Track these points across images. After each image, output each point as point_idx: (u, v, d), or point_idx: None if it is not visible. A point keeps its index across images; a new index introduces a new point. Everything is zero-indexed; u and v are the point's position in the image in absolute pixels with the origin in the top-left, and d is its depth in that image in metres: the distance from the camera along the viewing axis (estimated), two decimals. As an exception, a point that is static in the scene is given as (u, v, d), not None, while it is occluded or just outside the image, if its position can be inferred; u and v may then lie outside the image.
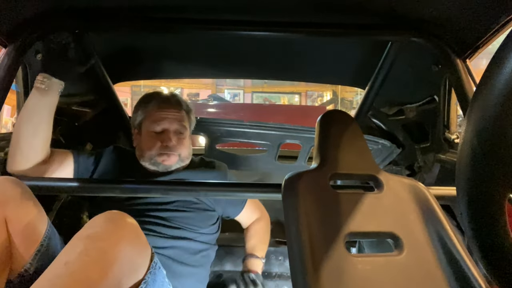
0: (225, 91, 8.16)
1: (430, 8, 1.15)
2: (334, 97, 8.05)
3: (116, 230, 0.77)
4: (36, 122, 1.08)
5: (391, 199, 0.78)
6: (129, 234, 0.79)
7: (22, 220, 0.85)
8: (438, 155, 1.42)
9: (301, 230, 0.68)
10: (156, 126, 1.27)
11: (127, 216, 0.82)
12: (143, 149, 1.28)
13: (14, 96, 1.40)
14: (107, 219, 0.80)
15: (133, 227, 0.81)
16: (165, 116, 1.28)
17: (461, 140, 0.41)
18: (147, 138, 1.27)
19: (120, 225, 0.79)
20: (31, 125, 1.07)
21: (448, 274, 0.69)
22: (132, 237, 0.79)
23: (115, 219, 0.80)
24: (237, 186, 1.13)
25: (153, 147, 1.25)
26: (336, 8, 1.21)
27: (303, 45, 1.55)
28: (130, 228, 0.80)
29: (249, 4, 1.20)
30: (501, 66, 0.35)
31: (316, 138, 0.89)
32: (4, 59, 1.16)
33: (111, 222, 0.79)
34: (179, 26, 1.26)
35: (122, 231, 0.78)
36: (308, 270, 0.63)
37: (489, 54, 0.44)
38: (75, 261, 0.71)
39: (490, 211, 0.39)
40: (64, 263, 0.71)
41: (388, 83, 1.59)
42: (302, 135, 1.67)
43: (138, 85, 7.60)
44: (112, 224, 0.78)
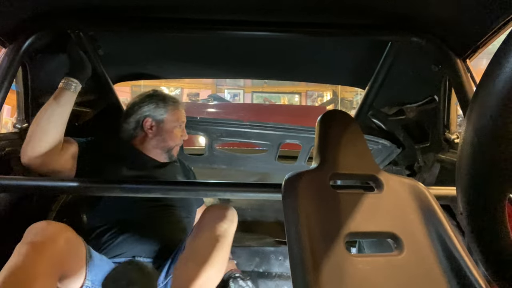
0: (225, 91, 8.16)
1: (430, 8, 1.15)
2: (334, 97, 8.04)
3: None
4: (61, 116, 1.21)
5: (391, 199, 0.78)
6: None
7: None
8: (438, 155, 1.42)
9: (301, 230, 0.68)
10: (179, 124, 1.53)
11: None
12: (166, 139, 1.49)
13: (14, 96, 1.40)
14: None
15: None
16: (183, 116, 1.56)
17: (461, 140, 0.41)
18: (172, 131, 1.50)
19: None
20: (57, 118, 1.20)
21: (448, 274, 0.69)
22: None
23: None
24: (237, 186, 1.13)
25: (176, 140, 1.51)
26: (336, 8, 1.21)
27: (303, 45, 1.55)
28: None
29: (249, 4, 1.20)
30: (501, 66, 0.35)
31: (316, 138, 0.89)
32: (4, 59, 1.16)
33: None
34: (179, 26, 1.26)
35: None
36: (308, 270, 0.63)
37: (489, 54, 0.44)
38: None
39: (490, 211, 0.39)
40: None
41: (388, 83, 1.59)
42: (302, 135, 1.67)
43: (138, 85, 7.59)
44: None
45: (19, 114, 1.39)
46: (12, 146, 1.27)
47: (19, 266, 0.90)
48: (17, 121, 1.38)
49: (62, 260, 0.97)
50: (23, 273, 0.89)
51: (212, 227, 1.16)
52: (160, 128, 1.50)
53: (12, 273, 0.89)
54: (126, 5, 1.21)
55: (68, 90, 1.22)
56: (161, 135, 1.49)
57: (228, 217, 1.19)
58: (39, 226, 0.99)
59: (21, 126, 1.36)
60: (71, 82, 1.23)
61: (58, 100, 1.20)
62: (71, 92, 1.23)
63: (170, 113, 1.51)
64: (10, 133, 1.34)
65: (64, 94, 1.21)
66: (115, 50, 1.61)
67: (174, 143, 1.51)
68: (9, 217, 1.26)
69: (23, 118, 1.38)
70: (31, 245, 0.94)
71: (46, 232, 0.97)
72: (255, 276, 1.83)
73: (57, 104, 1.20)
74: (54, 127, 1.19)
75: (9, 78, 1.15)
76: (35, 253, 0.93)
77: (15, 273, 0.89)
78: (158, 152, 1.50)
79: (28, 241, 0.96)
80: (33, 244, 0.94)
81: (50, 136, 1.18)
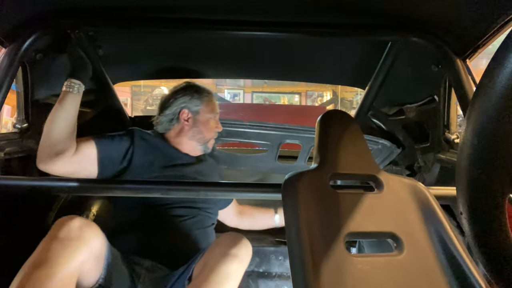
0: (225, 91, 8.15)
1: (430, 8, 1.15)
2: (334, 97, 8.04)
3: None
4: (67, 119, 1.22)
5: (391, 199, 0.78)
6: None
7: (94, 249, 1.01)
8: (438, 155, 1.42)
9: (301, 230, 0.67)
10: (214, 115, 1.54)
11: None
12: (202, 131, 1.50)
13: (14, 96, 1.40)
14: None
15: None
16: (217, 107, 1.57)
17: (461, 140, 0.41)
18: (207, 123, 1.51)
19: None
20: (64, 122, 1.21)
21: (448, 274, 0.69)
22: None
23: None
24: (237, 186, 1.13)
25: (212, 131, 1.52)
26: (336, 8, 1.21)
27: (303, 45, 1.55)
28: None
29: (249, 4, 1.20)
30: (501, 66, 0.35)
31: (316, 138, 0.89)
32: (4, 59, 1.16)
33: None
34: (179, 26, 1.26)
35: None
36: (308, 270, 0.63)
37: (489, 54, 0.44)
38: None
39: (490, 211, 0.39)
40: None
41: (388, 83, 1.59)
42: (302, 135, 1.67)
43: (138, 85, 7.59)
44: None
45: (19, 114, 1.39)
46: (12, 146, 1.27)
47: (43, 260, 0.91)
48: (17, 121, 1.38)
49: (85, 257, 0.97)
50: (46, 268, 0.89)
51: (220, 266, 1.05)
52: (196, 119, 1.50)
53: (36, 266, 0.90)
54: (126, 5, 1.21)
55: (71, 92, 1.22)
56: (197, 126, 1.50)
57: (240, 255, 1.08)
58: (66, 221, 0.99)
59: (21, 126, 1.36)
60: (73, 84, 1.23)
61: (63, 103, 1.21)
62: (74, 94, 1.23)
63: (205, 104, 1.52)
64: (10, 133, 1.34)
65: (67, 97, 1.22)
66: (115, 50, 1.61)
67: (210, 135, 1.52)
68: (9, 217, 1.26)
69: (23, 118, 1.38)
70: (57, 240, 0.94)
71: (74, 228, 0.97)
72: (255, 276, 1.82)
73: (61, 108, 1.21)
74: (62, 131, 1.20)
75: (9, 78, 1.15)
76: (61, 248, 0.93)
77: (39, 267, 0.89)
78: (193, 145, 1.50)
79: (54, 235, 0.96)
80: (60, 240, 0.94)
81: (59, 140, 1.20)
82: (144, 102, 7.77)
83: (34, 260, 0.92)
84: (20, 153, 1.30)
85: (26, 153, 1.33)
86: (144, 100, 7.79)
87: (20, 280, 0.89)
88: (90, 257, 0.99)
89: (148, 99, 7.82)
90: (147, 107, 7.69)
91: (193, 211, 1.39)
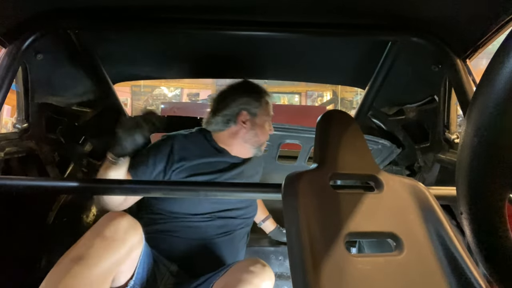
0: (225, 91, 8.15)
1: (430, 8, 1.15)
2: (334, 97, 8.05)
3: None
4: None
5: (391, 199, 0.78)
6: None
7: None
8: (438, 155, 1.42)
9: (301, 230, 0.67)
10: (269, 117, 1.49)
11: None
12: (258, 134, 1.45)
13: (14, 96, 1.40)
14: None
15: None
16: (271, 109, 1.51)
17: (461, 140, 0.41)
18: (263, 126, 1.46)
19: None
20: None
21: (448, 274, 0.69)
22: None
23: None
24: (237, 186, 1.12)
25: (267, 134, 1.48)
26: (336, 9, 1.21)
27: (303, 45, 1.55)
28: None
29: (249, 4, 1.20)
30: (501, 66, 0.35)
31: (316, 138, 0.88)
32: (4, 59, 1.16)
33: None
34: (179, 26, 1.26)
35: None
36: (308, 270, 0.63)
37: (489, 54, 0.44)
38: None
39: (490, 211, 0.39)
40: None
41: (388, 83, 1.59)
42: (302, 135, 1.67)
43: (138, 85, 7.60)
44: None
45: (19, 114, 1.39)
46: (12, 146, 1.27)
47: (84, 256, 0.90)
48: (17, 121, 1.38)
49: (124, 259, 0.97)
50: (86, 265, 0.89)
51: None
52: (254, 122, 1.44)
53: (76, 260, 0.89)
54: (126, 5, 1.21)
55: (115, 164, 1.14)
56: (254, 129, 1.43)
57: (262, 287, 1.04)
58: (114, 219, 0.98)
59: (21, 126, 1.36)
60: (115, 160, 1.13)
61: (108, 173, 1.14)
62: (117, 166, 1.14)
63: (264, 106, 1.46)
64: (10, 133, 1.34)
65: (111, 168, 1.14)
66: (115, 50, 1.61)
67: (265, 138, 1.47)
68: (9, 217, 1.26)
69: (23, 118, 1.38)
70: (101, 237, 0.94)
71: (120, 229, 0.97)
72: (255, 276, 1.82)
73: (107, 176, 1.15)
74: (115, 200, 1.21)
75: (9, 78, 1.15)
76: (103, 247, 0.93)
77: (78, 262, 0.89)
78: (247, 147, 1.45)
79: (99, 232, 0.95)
80: (104, 238, 0.94)
81: (116, 204, 1.21)
82: (144, 102, 7.78)
83: (75, 253, 0.92)
84: (20, 153, 1.30)
85: (26, 153, 1.33)
86: (144, 100, 7.80)
87: (58, 272, 0.88)
88: (128, 259, 1.00)
89: (148, 99, 7.83)
90: (147, 107, 7.69)
91: (230, 226, 1.36)
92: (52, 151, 1.49)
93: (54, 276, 0.88)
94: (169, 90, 7.97)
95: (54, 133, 1.54)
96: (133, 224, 1.01)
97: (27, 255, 0.96)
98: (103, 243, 0.93)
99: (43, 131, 1.44)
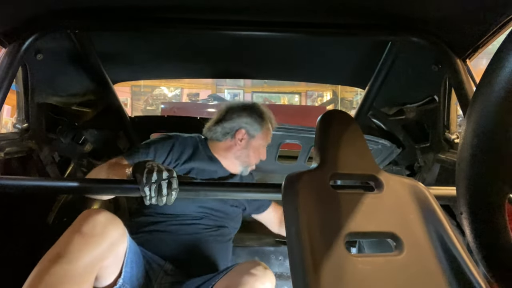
0: (225, 91, 8.15)
1: (430, 8, 1.15)
2: (334, 97, 8.05)
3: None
4: None
5: (391, 199, 0.78)
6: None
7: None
8: (438, 155, 1.42)
9: (301, 230, 0.67)
10: (266, 143, 1.54)
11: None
12: (250, 155, 1.50)
13: (14, 96, 1.40)
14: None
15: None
16: (270, 138, 1.56)
17: (461, 140, 0.41)
18: (258, 149, 1.51)
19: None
20: None
21: (448, 274, 0.69)
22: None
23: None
24: (237, 186, 1.13)
25: (257, 158, 1.52)
26: (336, 9, 1.21)
27: (303, 45, 1.55)
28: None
29: (249, 4, 1.20)
30: (501, 66, 0.35)
31: (316, 138, 0.88)
32: (4, 59, 1.16)
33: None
34: (179, 26, 1.26)
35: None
36: (308, 270, 0.63)
37: (489, 54, 0.44)
38: None
39: (490, 211, 0.39)
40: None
41: (388, 83, 1.59)
42: (302, 135, 1.67)
43: (138, 85, 7.60)
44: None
45: (19, 114, 1.39)
46: (12, 146, 1.27)
47: (63, 254, 0.90)
48: (17, 121, 1.38)
49: (106, 254, 0.96)
50: (66, 263, 0.89)
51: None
52: (249, 143, 1.49)
53: (55, 259, 0.89)
54: (126, 5, 1.21)
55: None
56: (247, 149, 1.49)
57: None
58: (91, 216, 0.97)
59: (21, 126, 1.36)
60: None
61: (114, 172, 1.18)
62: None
63: (264, 132, 1.51)
64: (10, 133, 1.34)
65: (122, 174, 1.14)
66: (115, 50, 1.61)
67: (255, 161, 1.52)
68: (9, 217, 1.26)
69: (23, 118, 1.38)
70: (80, 234, 0.93)
71: (98, 224, 0.96)
72: (255, 276, 1.82)
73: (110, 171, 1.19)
74: None
75: (9, 78, 1.15)
76: (83, 243, 0.92)
77: (58, 261, 0.89)
78: (236, 163, 1.50)
79: (77, 229, 0.95)
80: (82, 234, 0.93)
81: None
82: (144, 102, 7.78)
83: (54, 252, 0.91)
84: (20, 153, 1.30)
85: (26, 153, 1.33)
86: (144, 100, 7.80)
87: (38, 272, 0.88)
88: (110, 254, 0.98)
89: (148, 99, 7.83)
90: (147, 107, 7.70)
91: (218, 222, 1.41)
92: (52, 151, 1.49)
93: (34, 276, 0.88)
94: (169, 90, 7.97)
95: (54, 133, 1.54)
96: (112, 219, 1.00)
97: (28, 255, 0.96)
98: (81, 239, 0.92)
99: (43, 131, 1.44)
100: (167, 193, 0.98)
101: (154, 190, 0.97)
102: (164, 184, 0.97)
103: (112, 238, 0.98)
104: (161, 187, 0.97)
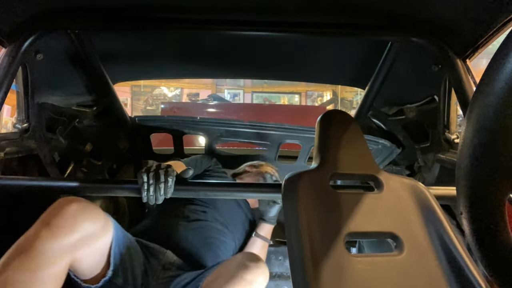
0: (225, 91, 8.15)
1: (430, 8, 1.15)
2: (334, 97, 8.05)
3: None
4: None
5: (391, 199, 0.78)
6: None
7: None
8: (438, 155, 1.42)
9: (301, 230, 0.67)
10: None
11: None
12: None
13: (14, 96, 1.40)
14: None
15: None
16: None
17: (461, 140, 0.41)
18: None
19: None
20: None
21: (448, 274, 0.69)
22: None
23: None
24: (237, 186, 1.12)
25: None
26: (336, 9, 1.21)
27: (303, 45, 1.55)
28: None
29: (249, 4, 1.20)
30: (501, 66, 0.35)
31: (316, 138, 0.89)
32: (4, 59, 1.16)
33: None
34: (179, 26, 1.26)
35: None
36: (308, 270, 0.63)
37: (489, 54, 0.44)
38: None
39: (490, 211, 0.39)
40: None
41: (388, 83, 1.59)
42: (302, 135, 1.67)
43: (138, 85, 7.60)
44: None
45: (19, 114, 1.39)
46: (12, 146, 1.27)
47: (28, 248, 0.85)
48: (17, 121, 1.38)
49: (76, 247, 0.91)
50: (31, 258, 0.84)
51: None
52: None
53: (19, 253, 0.84)
54: (126, 5, 1.21)
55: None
56: None
57: (255, 282, 0.98)
58: (62, 206, 0.91)
59: (21, 126, 1.36)
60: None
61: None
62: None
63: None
64: (10, 133, 1.34)
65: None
66: (115, 50, 1.61)
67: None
68: (9, 217, 1.26)
69: (23, 118, 1.38)
70: (48, 227, 0.88)
71: (68, 216, 0.90)
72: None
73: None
74: None
75: (9, 78, 1.15)
76: (50, 237, 0.86)
77: (21, 255, 0.84)
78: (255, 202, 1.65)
79: (46, 221, 0.89)
80: (50, 227, 0.88)
81: None
82: (144, 102, 7.78)
83: (18, 245, 0.86)
84: (20, 153, 1.30)
85: (26, 153, 1.33)
86: (144, 100, 7.80)
87: (1, 266, 0.82)
88: (84, 246, 0.93)
89: (148, 99, 7.83)
90: (147, 107, 7.70)
91: (222, 222, 1.50)
92: (52, 151, 1.49)
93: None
94: (169, 90, 7.97)
95: (54, 133, 1.54)
96: (85, 208, 0.93)
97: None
98: (49, 233, 0.87)
99: (43, 131, 1.44)
100: (164, 179, 0.98)
101: (152, 177, 0.99)
102: (161, 172, 1.00)
103: (85, 230, 0.91)
104: (158, 174, 0.99)
